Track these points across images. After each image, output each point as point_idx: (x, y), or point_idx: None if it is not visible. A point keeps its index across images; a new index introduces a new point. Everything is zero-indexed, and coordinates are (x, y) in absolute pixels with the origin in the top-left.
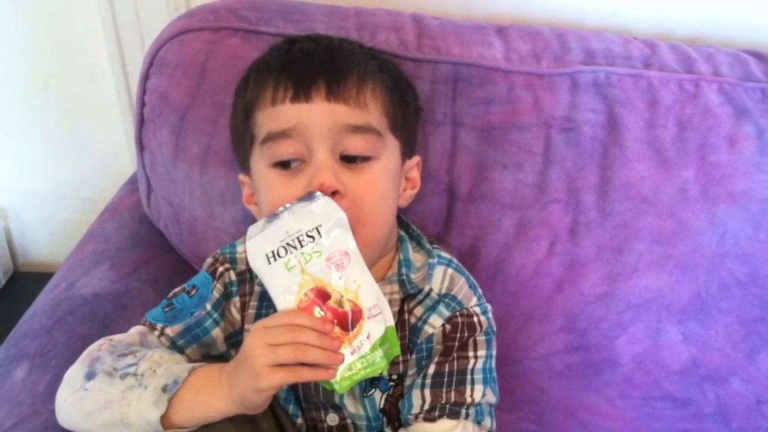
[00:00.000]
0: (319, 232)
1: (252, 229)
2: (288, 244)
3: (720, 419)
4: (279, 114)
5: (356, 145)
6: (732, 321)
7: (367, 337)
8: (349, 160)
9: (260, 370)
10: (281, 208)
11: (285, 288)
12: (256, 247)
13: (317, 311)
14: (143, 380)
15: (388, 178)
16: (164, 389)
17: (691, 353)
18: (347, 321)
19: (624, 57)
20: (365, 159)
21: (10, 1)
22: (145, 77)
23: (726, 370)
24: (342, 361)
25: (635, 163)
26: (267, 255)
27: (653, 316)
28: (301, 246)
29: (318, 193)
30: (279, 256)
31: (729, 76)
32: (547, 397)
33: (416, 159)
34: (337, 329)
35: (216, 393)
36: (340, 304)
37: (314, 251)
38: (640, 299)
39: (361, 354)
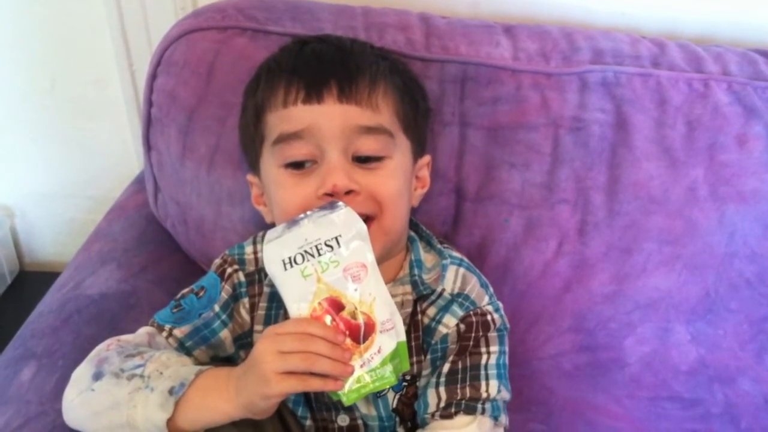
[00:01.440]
0: (338, 242)
1: (270, 233)
2: (306, 251)
3: (728, 419)
4: (291, 115)
5: (368, 145)
6: (741, 321)
7: (378, 351)
8: (361, 160)
9: (269, 376)
10: (301, 215)
11: (299, 295)
12: (273, 252)
13: (329, 321)
14: (150, 382)
15: (401, 176)
16: (171, 392)
17: (699, 353)
18: (359, 333)
19: (633, 56)
20: (378, 159)
21: (16, 1)
22: (153, 77)
23: (734, 370)
24: (352, 372)
25: (644, 162)
26: (284, 260)
27: (662, 316)
28: (319, 255)
29: (340, 203)
30: (296, 262)
31: (738, 76)
32: (555, 397)
33: (426, 159)
34: (348, 341)
35: (223, 397)
36: (353, 315)
37: (332, 261)
38: (648, 299)
39: (371, 367)
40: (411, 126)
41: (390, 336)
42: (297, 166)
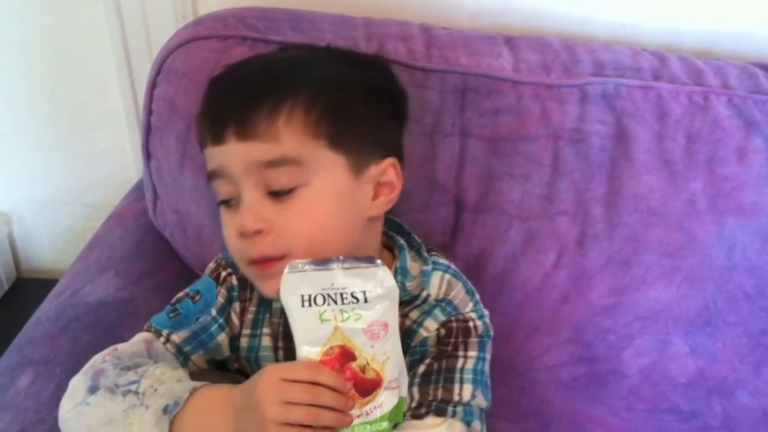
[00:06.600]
0: (365, 297)
1: (294, 263)
2: (329, 294)
3: None
4: (207, 156)
5: (275, 180)
6: (739, 334)
7: (379, 406)
8: (277, 194)
9: (268, 426)
10: (335, 258)
11: (312, 337)
12: (293, 284)
13: (338, 367)
14: (144, 399)
15: (325, 201)
16: (165, 410)
17: (698, 366)
18: (364, 387)
19: (633, 69)
20: (292, 190)
21: (17, 8)
22: (153, 85)
23: (733, 383)
24: (350, 423)
25: (644, 175)
26: (302, 296)
27: (661, 329)
28: (343, 303)
29: (378, 261)
30: (315, 303)
31: (738, 89)
32: (552, 409)
33: (387, 162)
34: (352, 390)
35: (220, 422)
36: (363, 369)
37: (354, 313)
38: (647, 311)
39: (368, 420)
40: (343, 138)
41: (393, 393)
42: (226, 202)
